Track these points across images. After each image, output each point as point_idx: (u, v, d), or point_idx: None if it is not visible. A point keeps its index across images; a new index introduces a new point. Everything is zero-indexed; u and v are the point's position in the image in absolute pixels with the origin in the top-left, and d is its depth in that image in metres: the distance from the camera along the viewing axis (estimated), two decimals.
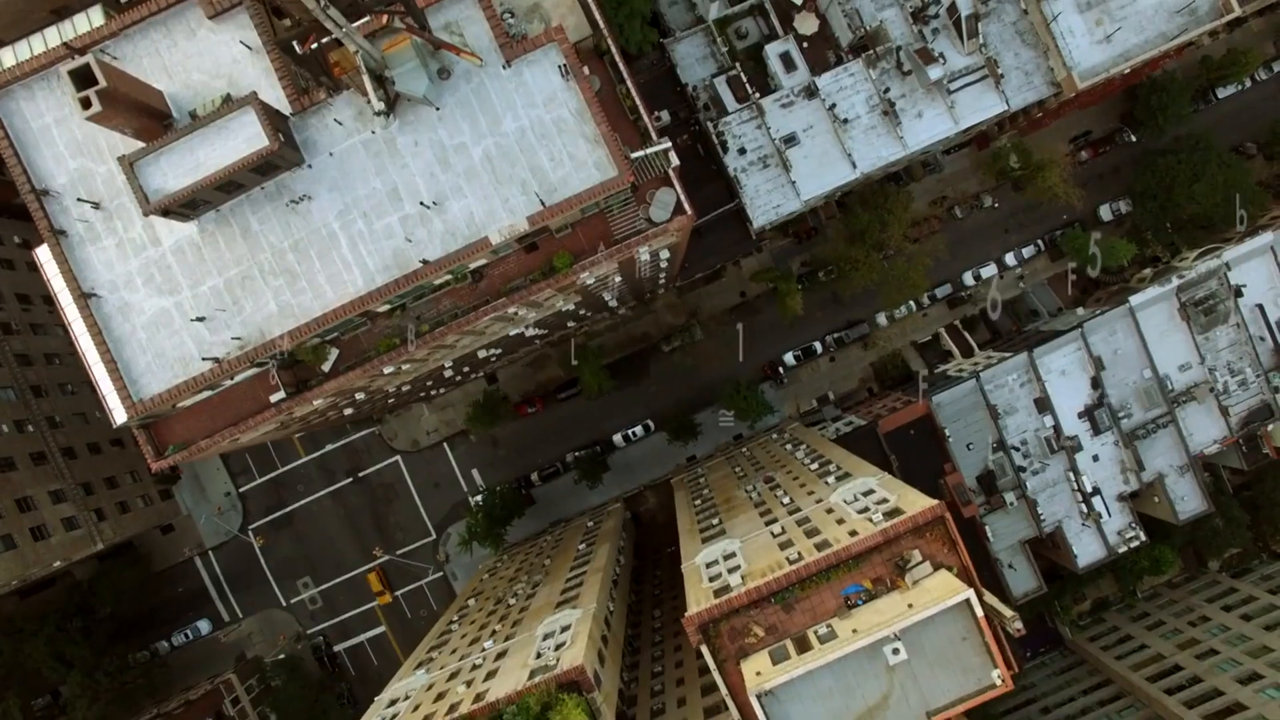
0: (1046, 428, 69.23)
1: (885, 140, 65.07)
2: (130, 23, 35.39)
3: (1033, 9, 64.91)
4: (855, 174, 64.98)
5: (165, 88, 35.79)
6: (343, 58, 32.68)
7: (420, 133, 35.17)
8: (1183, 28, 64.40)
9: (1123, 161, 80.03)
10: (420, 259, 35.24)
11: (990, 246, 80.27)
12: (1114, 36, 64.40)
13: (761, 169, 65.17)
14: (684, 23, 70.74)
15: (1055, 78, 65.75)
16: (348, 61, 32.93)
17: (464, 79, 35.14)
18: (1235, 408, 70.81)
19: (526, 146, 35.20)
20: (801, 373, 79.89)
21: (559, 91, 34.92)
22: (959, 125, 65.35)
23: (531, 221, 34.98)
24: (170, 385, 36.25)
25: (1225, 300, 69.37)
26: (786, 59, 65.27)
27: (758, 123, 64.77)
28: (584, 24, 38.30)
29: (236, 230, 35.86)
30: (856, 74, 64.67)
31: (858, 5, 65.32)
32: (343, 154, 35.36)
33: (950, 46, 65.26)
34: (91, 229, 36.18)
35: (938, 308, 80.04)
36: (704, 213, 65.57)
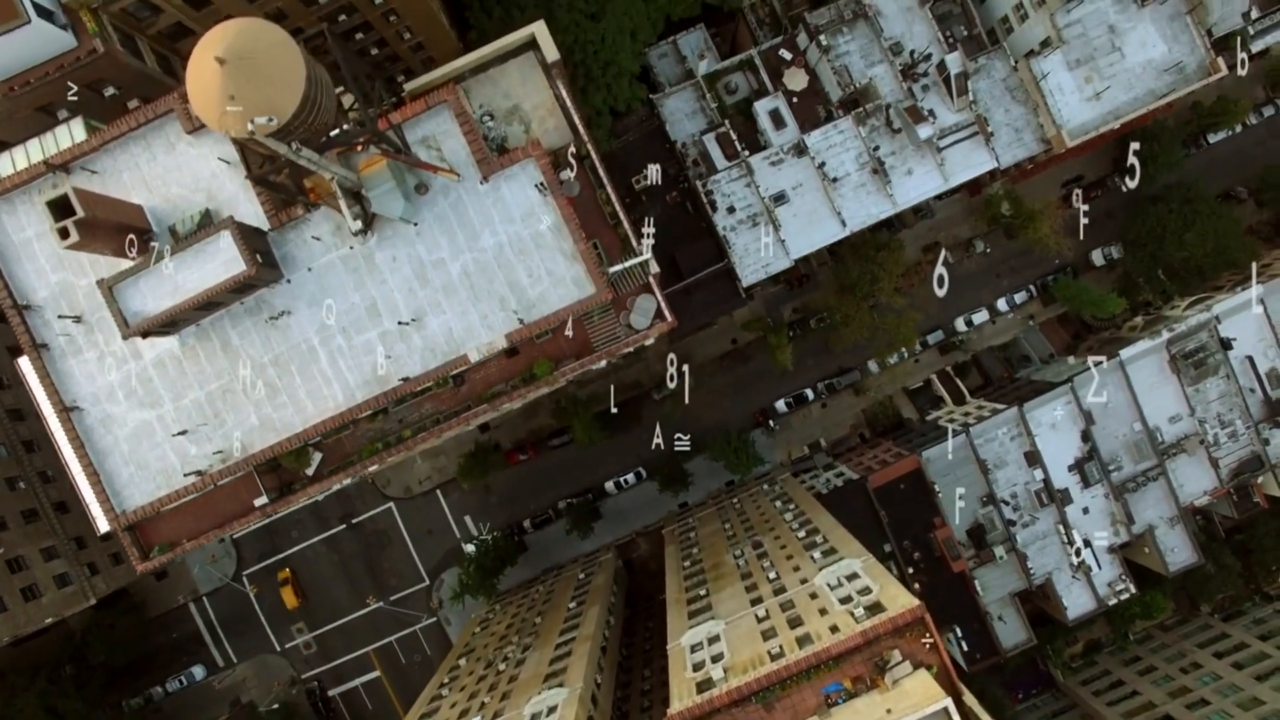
0: (1036, 481, 69.39)
1: (875, 198, 64.98)
2: (110, 138, 35.43)
3: (1022, 66, 64.72)
4: (845, 232, 64.92)
5: (144, 201, 35.85)
6: (318, 183, 32.72)
7: (398, 248, 35.23)
8: (1171, 86, 64.21)
9: (1115, 206, 79.81)
10: (400, 376, 35.40)
11: (982, 292, 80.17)
12: (1103, 94, 64.21)
13: (751, 227, 65.07)
14: (674, 75, 70.58)
15: (1045, 134, 65.62)
16: (323, 187, 32.97)
17: (441, 194, 35.17)
18: (1225, 459, 70.93)
19: (505, 262, 35.26)
20: (793, 419, 79.94)
21: (536, 207, 34.97)
22: (949, 183, 65.26)
23: (510, 339, 35.08)
24: (153, 497, 36.47)
25: (1215, 353, 69.42)
26: (776, 116, 65.14)
27: (747, 181, 64.66)
28: (564, 126, 38.26)
29: (217, 344, 35.99)
30: (846, 131, 64.54)
31: (847, 62, 65.16)
32: (322, 269, 35.44)
33: (940, 103, 65.10)
34: (73, 342, 36.32)
35: (929, 354, 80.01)
36: (693, 271, 65.62)
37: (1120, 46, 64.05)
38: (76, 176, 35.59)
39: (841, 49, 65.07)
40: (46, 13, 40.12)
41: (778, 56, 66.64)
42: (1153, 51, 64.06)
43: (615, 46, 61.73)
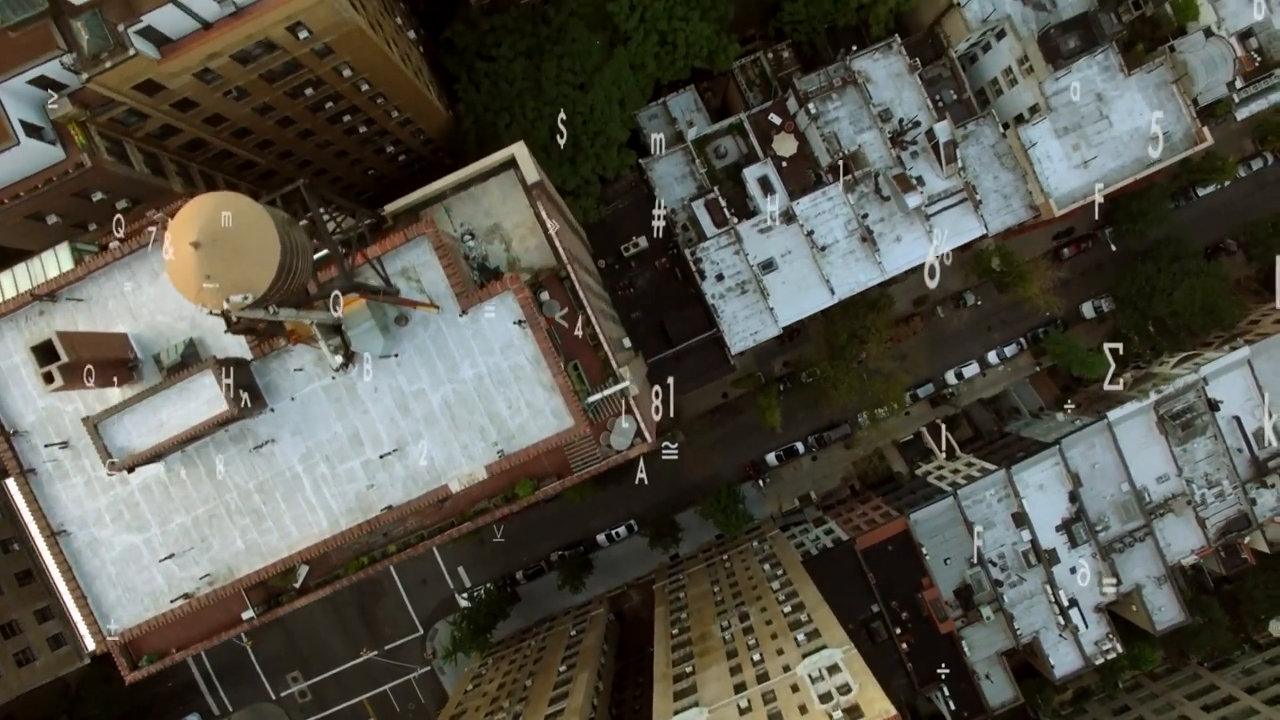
0: (1024, 542, 69.89)
1: (864, 265, 65.28)
2: (96, 267, 35.83)
3: (1011, 134, 64.87)
4: (833, 300, 65.25)
5: (129, 329, 36.27)
6: (298, 325, 33.14)
7: (379, 379, 35.67)
8: (1160, 154, 64.29)
9: (1105, 259, 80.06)
10: (383, 503, 35.89)
11: (972, 345, 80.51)
12: (1091, 162, 64.38)
13: (739, 295, 65.42)
14: (665, 135, 70.66)
15: (1034, 201, 65.81)
16: (304, 330, 33.39)
17: (421, 325, 35.56)
18: (1213, 518, 71.41)
19: (484, 393, 35.68)
20: (784, 472, 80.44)
21: (516, 339, 35.36)
22: (938, 250, 65.44)
23: (490, 470, 35.53)
24: (141, 620, 37.03)
25: (1203, 414, 69.77)
26: (765, 183, 65.38)
27: (735, 249, 64.97)
28: (545, 245, 38.61)
29: (203, 471, 36.47)
30: (835, 198, 64.79)
31: (836, 129, 65.35)
32: (304, 399, 35.89)
33: (929, 170, 65.34)
34: (60, 467, 36.83)
35: (920, 406, 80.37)
36: (682, 338, 66.04)
37: (1108, 114, 64.24)
38: (62, 306, 36.03)
39: (831, 115, 65.26)
40: (35, 130, 40.47)
41: (767, 121, 66.81)
42: (1140, 120, 64.22)
43: (604, 117, 61.91)
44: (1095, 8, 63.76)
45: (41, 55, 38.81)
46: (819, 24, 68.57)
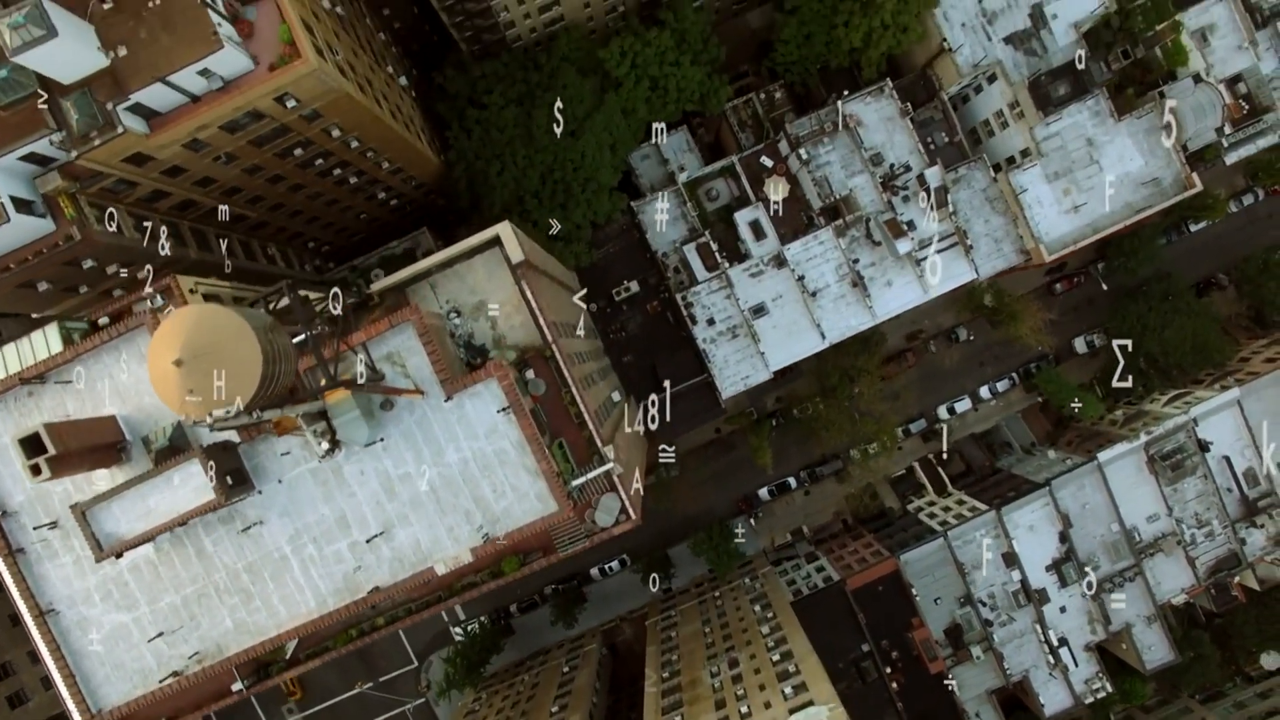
0: (1014, 582, 70.26)
1: (854, 309, 65.51)
2: (85, 350, 36.11)
3: (1001, 179, 65.01)
4: (824, 344, 65.48)
5: (118, 410, 36.56)
6: (284, 418, 33.44)
7: (366, 462, 35.96)
8: (1148, 200, 64.48)
9: (1097, 293, 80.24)
10: (370, 584, 36.23)
11: (965, 380, 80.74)
12: (1081, 207, 64.53)
13: (730, 339, 65.66)
14: (656, 176, 70.87)
15: (1025, 245, 65.96)
16: (289, 421, 33.71)
17: (407, 409, 35.83)
18: (1203, 558, 71.73)
19: (469, 477, 35.97)
20: (776, 506, 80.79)
21: (500, 424, 35.63)
22: (929, 294, 65.70)
23: (475, 554, 35.86)
24: (130, 697, 37.37)
25: (1193, 455, 70.03)
26: (756, 227, 65.56)
27: (726, 293, 65.19)
28: (530, 323, 38.85)
29: (191, 551, 36.79)
30: (826, 242, 64.98)
31: (827, 173, 65.49)
32: (292, 481, 36.18)
33: (920, 214, 65.47)
34: (49, 546, 37.14)
35: (912, 441, 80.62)
36: (673, 382, 66.26)
37: (1098, 159, 64.35)
38: (50, 389, 36.32)
39: (822, 159, 65.40)
40: (25, 205, 40.66)
41: (759, 163, 66.95)
42: (1130, 165, 64.37)
43: (595, 163, 62.08)
44: (1085, 55, 63.81)
45: (31, 134, 38.99)
46: (811, 65, 68.65)
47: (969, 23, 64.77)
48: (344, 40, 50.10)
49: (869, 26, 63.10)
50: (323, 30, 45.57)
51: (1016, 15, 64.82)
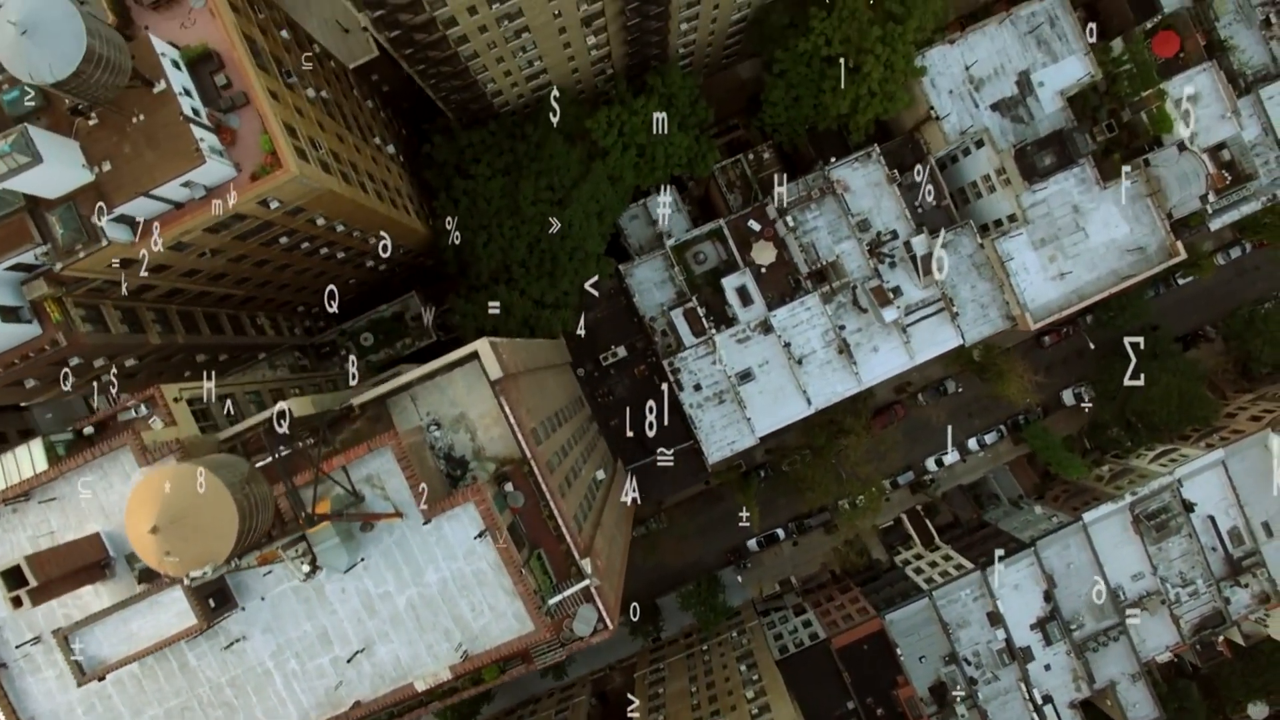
0: (999, 640, 70.79)
1: (841, 375, 65.92)
2: (69, 468, 36.58)
3: (988, 246, 65.29)
4: (810, 410, 65.90)
5: (101, 527, 37.04)
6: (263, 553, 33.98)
7: (346, 580, 36.46)
8: (1134, 267, 64.80)
9: (1085, 345, 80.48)
10: (351, 699, 36.81)
11: (954, 431, 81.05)
12: (1067, 275, 64.84)
13: (717, 404, 66.11)
14: (645, 237, 71.11)
15: (1011, 311, 66.29)
16: (269, 553, 34.21)
17: (386, 531, 36.32)
18: (1187, 615, 72.20)
19: (448, 596, 36.49)
20: (765, 557, 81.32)
21: (478, 545, 36.15)
22: (915, 360, 66.11)
23: (454, 671, 36.41)
24: None
25: (1178, 515, 70.50)
26: (743, 293, 65.89)
27: (713, 358, 65.60)
28: (509, 436, 39.29)
29: (175, 665, 37.31)
30: (813, 308, 65.35)
31: (814, 239, 65.85)
32: (275, 599, 36.71)
33: (907, 279, 65.86)
34: (32, 661, 37.64)
35: (900, 493, 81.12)
36: (661, 444, 66.72)
37: (1084, 226, 64.68)
38: (34, 507, 36.81)
39: (809, 225, 65.76)
40: (11, 312, 41.13)
41: (746, 227, 67.25)
42: (1116, 232, 64.69)
43: (583, 232, 62.38)
44: (1071, 125, 64.09)
45: (16, 248, 39.44)
46: (799, 126, 68.80)
47: (956, 90, 64.99)
48: (329, 126, 50.44)
49: (855, 94, 63.23)
50: (306, 125, 45.93)
51: (1003, 83, 65.05)
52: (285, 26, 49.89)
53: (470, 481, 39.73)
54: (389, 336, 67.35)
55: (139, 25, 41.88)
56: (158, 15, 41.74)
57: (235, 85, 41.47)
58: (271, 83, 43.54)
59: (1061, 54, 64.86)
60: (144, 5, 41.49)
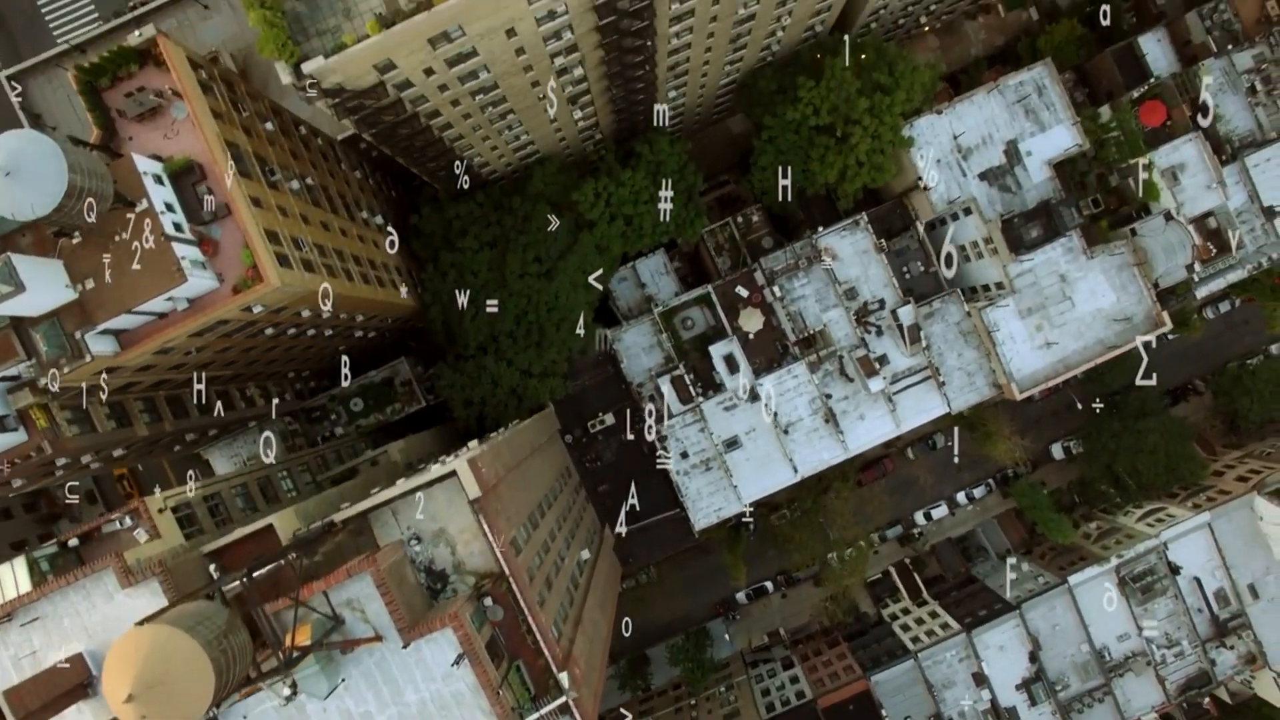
0: (984, 701, 71.28)
1: (827, 443, 66.25)
2: (52, 589, 37.06)
3: (975, 316, 65.48)
4: (796, 478, 66.27)
5: (84, 646, 37.48)
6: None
7: (329, 700, 36.97)
8: (1120, 336, 64.96)
9: (1074, 399, 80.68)
10: None
11: (943, 485, 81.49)
12: (1054, 343, 65.05)
13: (704, 471, 66.50)
14: (633, 299, 71.39)
15: (998, 379, 66.53)
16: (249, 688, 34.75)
17: (367, 651, 36.80)
18: (1172, 677, 72.60)
19: (427, 716, 36.98)
20: (754, 609, 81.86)
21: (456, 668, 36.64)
22: (901, 428, 66.44)
23: None
24: None
25: (1163, 577, 70.86)
26: (730, 361, 66.11)
27: (700, 426, 65.93)
28: (488, 550, 39.74)
29: None
30: (800, 376, 65.64)
31: (802, 307, 66.12)
32: (257, 717, 37.28)
33: (894, 347, 66.09)
34: None
35: (889, 545, 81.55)
36: (648, 513, 67.20)
37: (1071, 295, 64.83)
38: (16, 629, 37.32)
39: (797, 293, 66.03)
40: None
41: (734, 293, 67.48)
42: (1103, 301, 64.83)
43: (570, 303, 62.71)
44: (1058, 195, 64.22)
45: (1, 364, 39.78)
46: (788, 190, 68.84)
47: (944, 159, 65.10)
48: (314, 215, 50.77)
49: (843, 164, 63.37)
50: (289, 225, 46.26)
51: (991, 152, 65.18)
52: (270, 116, 50.23)
53: (451, 595, 40.24)
54: (379, 401, 67.79)
55: (123, 137, 42.25)
56: (141, 126, 42.09)
57: (217, 196, 41.77)
58: (254, 188, 43.87)
59: (1049, 123, 64.95)
60: (128, 118, 41.81)
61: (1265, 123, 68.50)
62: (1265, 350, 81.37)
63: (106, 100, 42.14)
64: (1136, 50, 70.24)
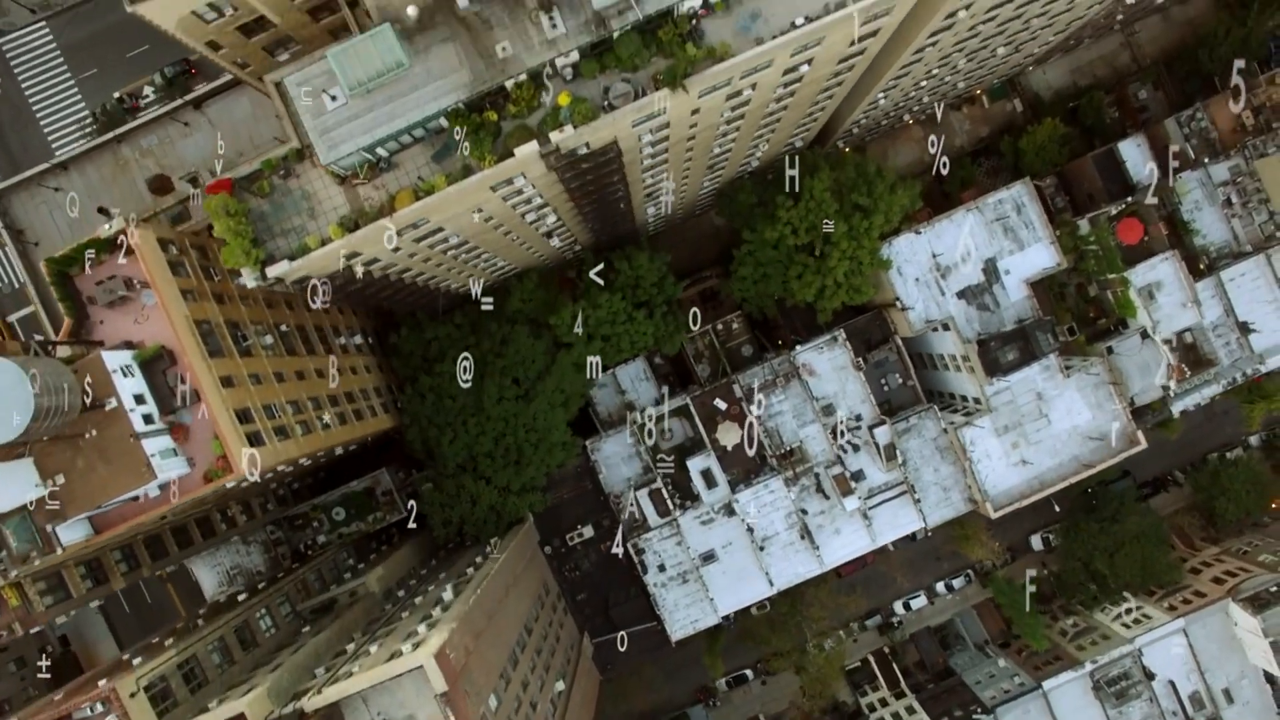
0: None
1: (803, 557, 66.86)
2: None
3: (951, 433, 65.88)
4: (772, 591, 66.92)
5: None
6: None
7: None
8: (1095, 454, 65.40)
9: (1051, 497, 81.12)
10: None
11: (922, 575, 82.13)
12: (1030, 461, 65.49)
13: (681, 584, 67.12)
14: (613, 405, 71.77)
15: (973, 494, 67.01)
16: None
17: None
18: None
19: None
20: (734, 696, 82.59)
21: None
22: (877, 542, 67.02)
23: None
24: None
25: (1138, 682, 71.61)
26: (708, 475, 66.66)
27: (677, 540, 66.51)
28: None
29: None
30: (776, 491, 66.17)
31: (779, 423, 66.54)
32: None
33: (870, 462, 66.55)
34: None
35: (868, 634, 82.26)
36: (625, 623, 67.86)
37: (1047, 413, 65.22)
38: None
39: (775, 408, 66.43)
40: None
41: (713, 405, 67.85)
42: (1079, 418, 65.24)
43: (548, 424, 63.15)
44: (1036, 315, 64.52)
45: None
46: (768, 299, 69.16)
47: (922, 278, 65.36)
48: (289, 367, 51.11)
49: (821, 283, 63.64)
50: (262, 393, 46.66)
51: (970, 270, 65.40)
52: None
53: None
54: (360, 510, 68.23)
55: (95, 322, 42.59)
56: (113, 311, 42.44)
57: (188, 383, 42.12)
58: (226, 366, 44.22)
59: (1028, 241, 65.18)
60: (99, 304, 42.14)
61: (1241, 235, 68.74)
62: (1244, 441, 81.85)
63: (78, 285, 42.48)
64: (1117, 156, 70.38)
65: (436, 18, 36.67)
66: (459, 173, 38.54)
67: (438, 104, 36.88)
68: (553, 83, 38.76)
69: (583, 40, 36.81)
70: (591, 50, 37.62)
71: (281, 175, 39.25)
